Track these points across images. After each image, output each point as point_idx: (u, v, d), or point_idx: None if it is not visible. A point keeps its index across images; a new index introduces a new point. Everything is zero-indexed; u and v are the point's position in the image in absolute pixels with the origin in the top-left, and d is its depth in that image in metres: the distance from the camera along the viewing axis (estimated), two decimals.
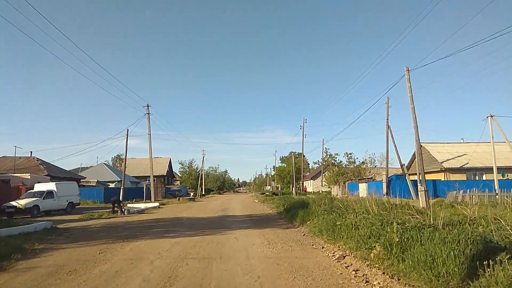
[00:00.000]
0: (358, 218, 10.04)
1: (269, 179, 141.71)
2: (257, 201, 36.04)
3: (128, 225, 16.15)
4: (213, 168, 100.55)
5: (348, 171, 55.57)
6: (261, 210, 24.20)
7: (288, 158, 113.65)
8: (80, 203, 28.51)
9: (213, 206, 30.62)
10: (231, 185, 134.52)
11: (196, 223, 16.03)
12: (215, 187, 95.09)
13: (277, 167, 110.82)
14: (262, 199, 36.63)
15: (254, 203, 33.49)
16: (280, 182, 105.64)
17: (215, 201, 42.65)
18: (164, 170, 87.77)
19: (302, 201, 19.03)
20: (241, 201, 40.31)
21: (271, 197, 38.36)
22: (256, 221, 16.85)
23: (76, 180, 49.95)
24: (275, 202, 28.21)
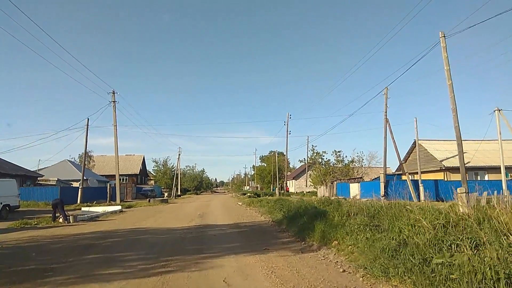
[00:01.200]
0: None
1: (247, 179, 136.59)
2: (240, 204, 30.65)
3: (56, 243, 10.52)
4: (190, 167, 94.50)
5: (336, 170, 51.09)
6: (250, 216, 18.77)
7: (269, 157, 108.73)
8: (20, 206, 22.45)
9: (189, 209, 25.12)
10: (209, 185, 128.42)
11: (161, 241, 10.55)
12: (192, 187, 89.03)
13: (257, 166, 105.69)
14: (247, 201, 31.25)
15: (238, 206, 28.12)
16: (260, 182, 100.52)
17: (192, 202, 37.08)
18: (137, 168, 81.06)
19: (314, 207, 13.78)
20: (221, 203, 34.88)
21: (256, 199, 33.14)
22: (249, 236, 11.53)
23: (32, 178, 43.34)
24: (264, 205, 23.02)
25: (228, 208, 25.99)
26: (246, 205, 27.66)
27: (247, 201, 30.96)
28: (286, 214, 14.59)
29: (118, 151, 35.69)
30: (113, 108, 34.92)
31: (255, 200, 28.26)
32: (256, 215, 19.34)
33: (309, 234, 10.11)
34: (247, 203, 28.92)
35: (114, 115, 35.09)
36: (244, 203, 29.80)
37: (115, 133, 35.17)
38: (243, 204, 29.06)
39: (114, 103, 34.91)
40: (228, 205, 29.72)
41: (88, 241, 10.64)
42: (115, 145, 35.36)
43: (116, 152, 35.40)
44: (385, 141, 33.85)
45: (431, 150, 41.98)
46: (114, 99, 35.04)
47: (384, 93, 33.14)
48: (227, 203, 33.89)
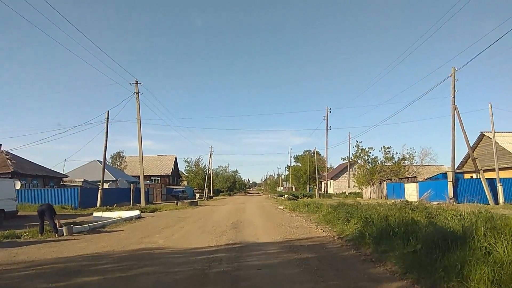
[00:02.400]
0: None
1: (281, 180, 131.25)
2: (281, 208, 25.43)
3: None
4: (222, 168, 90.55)
5: (385, 169, 44.84)
6: (301, 228, 13.43)
7: (303, 156, 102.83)
8: (18, 211, 18.41)
9: (220, 215, 20.36)
10: (242, 186, 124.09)
11: (164, 283, 5.78)
12: (225, 188, 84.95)
13: (291, 166, 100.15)
14: (289, 204, 26.01)
15: (279, 211, 22.97)
16: (296, 182, 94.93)
17: (224, 205, 32.44)
18: (169, 169, 77.92)
19: (431, 224, 8.25)
20: (258, 206, 29.95)
21: (299, 201, 27.96)
22: (320, 271, 6.39)
23: (56, 178, 40.40)
24: (313, 210, 17.95)
25: (268, 213, 20.96)
26: (289, 209, 22.50)
27: (289, 205, 25.80)
28: (364, 229, 9.36)
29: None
30: (137, 100, 30.95)
31: (300, 204, 23.00)
32: (309, 225, 14.12)
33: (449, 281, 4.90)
34: (289, 207, 23.74)
35: (137, 108, 31.11)
36: (286, 207, 24.64)
37: (139, 128, 31.22)
38: (285, 208, 23.92)
39: (137, 94, 30.96)
40: (267, 210, 24.72)
41: (40, 282, 5.97)
42: (138, 141, 31.40)
43: (140, 148, 31.43)
44: (453, 132, 27.80)
45: (504, 144, 35.10)
46: (138, 90, 31.08)
47: (450, 75, 27.14)
48: (265, 206, 28.90)
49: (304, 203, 21.57)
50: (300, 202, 25.08)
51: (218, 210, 24.45)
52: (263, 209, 24.83)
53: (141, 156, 31.43)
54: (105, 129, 28.23)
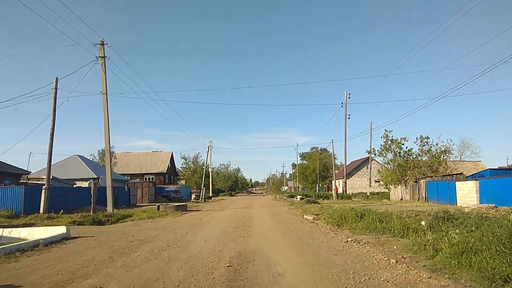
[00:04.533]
0: None
1: (285, 179, 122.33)
2: (310, 218, 16.25)
3: None
4: (224, 166, 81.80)
5: (422, 164, 35.88)
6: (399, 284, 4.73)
7: (310, 154, 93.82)
8: None
9: (209, 234, 11.26)
10: (244, 185, 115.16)
11: None
12: (226, 187, 76.13)
13: (298, 164, 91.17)
14: (321, 214, 16.64)
15: (307, 224, 13.83)
16: (303, 181, 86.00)
17: (223, 210, 23.53)
18: (164, 166, 69.06)
19: None
20: (269, 212, 20.73)
21: (337, 209, 18.89)
22: None
23: (14, 175, 31.75)
24: (373, 225, 9.19)
25: (294, 231, 11.51)
26: (326, 222, 13.30)
27: (317, 212, 16.85)
28: None
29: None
30: (102, 67, 22.12)
31: (343, 213, 13.50)
32: (403, 269, 5.27)
33: None
34: (325, 218, 14.47)
35: (103, 77, 22.26)
36: (317, 217, 15.54)
37: (105, 104, 22.35)
38: (316, 219, 14.81)
39: (102, 59, 22.15)
40: (285, 220, 15.43)
41: None
42: (104, 119, 22.49)
43: (106, 131, 22.51)
44: None
45: None
46: (103, 53, 22.23)
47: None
48: (280, 213, 19.59)
49: (355, 214, 12.40)
50: (337, 209, 16.00)
51: (211, 221, 15.47)
52: (281, 220, 15.52)
53: (108, 143, 22.54)
54: (53, 103, 19.44)
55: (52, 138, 19.80)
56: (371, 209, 14.66)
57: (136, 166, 68.77)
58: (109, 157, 22.65)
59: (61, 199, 22.94)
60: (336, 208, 17.25)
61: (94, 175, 43.31)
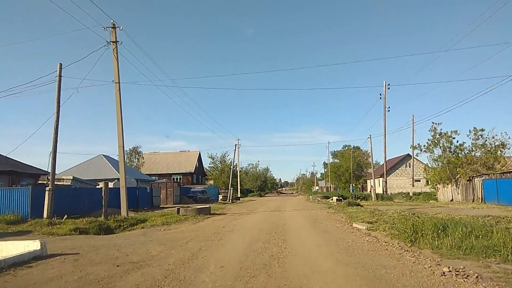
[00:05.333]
0: None
1: (316, 179, 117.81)
2: (345, 220, 12.73)
3: None
4: (252, 166, 78.85)
5: (477, 160, 31.15)
6: None
7: (343, 152, 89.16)
8: None
9: (237, 249, 8.28)
10: (273, 185, 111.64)
11: None
12: (255, 187, 73.08)
13: (329, 163, 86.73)
14: (360, 216, 13.05)
15: (352, 231, 10.35)
16: (335, 181, 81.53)
17: (250, 215, 20.32)
18: (191, 166, 66.96)
19: None
20: (303, 214, 17.31)
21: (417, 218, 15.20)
22: None
23: (32, 175, 30.16)
24: (461, 240, 5.77)
25: (349, 250, 7.81)
26: (391, 236, 9.39)
27: (366, 218, 13.19)
28: None
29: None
30: (114, 53, 19.55)
31: (418, 223, 9.50)
32: None
33: None
34: (383, 228, 10.52)
35: (115, 64, 19.70)
36: (363, 222, 11.91)
37: (117, 94, 19.76)
38: (367, 229, 11.10)
39: (114, 44, 19.61)
40: (330, 230, 11.44)
41: None
42: (117, 111, 19.86)
43: (119, 122, 19.86)
44: None
45: None
46: (115, 38, 19.71)
47: None
48: (318, 218, 15.88)
49: (433, 225, 8.62)
50: (401, 216, 12.34)
51: (235, 231, 12.24)
52: (325, 230, 11.55)
53: (122, 138, 19.89)
54: (56, 92, 17.00)
55: (57, 133, 17.34)
56: (436, 216, 10.93)
57: (163, 166, 67.14)
58: (122, 154, 20.01)
59: (67, 201, 20.63)
60: (388, 212, 13.64)
61: (118, 175, 41.51)
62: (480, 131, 29.79)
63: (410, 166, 62.54)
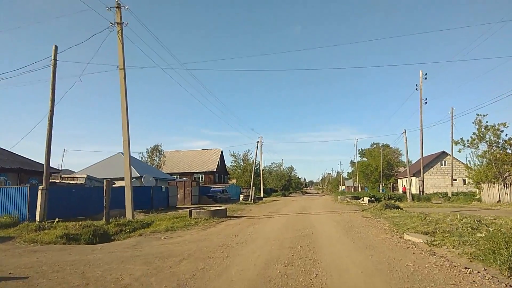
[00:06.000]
0: None
1: (342, 178, 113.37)
2: (389, 228, 9.85)
3: None
4: (276, 164, 75.93)
5: None
6: None
7: (371, 150, 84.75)
8: None
9: (246, 276, 5.74)
10: (298, 185, 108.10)
11: None
12: (279, 186, 70.17)
13: (357, 162, 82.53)
14: (407, 222, 10.09)
15: (406, 246, 7.43)
16: (363, 180, 77.33)
17: (273, 217, 17.51)
18: (213, 164, 64.97)
19: None
20: (333, 218, 13.98)
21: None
22: None
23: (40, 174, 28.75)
24: None
25: (414, 282, 5.49)
26: (469, 257, 6.31)
27: (417, 226, 10.09)
28: None
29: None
30: (119, 35, 17.35)
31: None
32: None
33: None
34: (451, 242, 7.43)
35: (119, 47, 17.48)
36: (415, 231, 8.95)
37: (122, 81, 17.51)
38: (426, 243, 8.02)
39: (119, 26, 17.39)
40: (375, 244, 8.24)
41: None
42: (122, 100, 17.60)
43: (124, 111, 17.60)
44: None
45: None
46: (120, 19, 17.50)
47: None
48: (354, 224, 12.50)
49: None
50: (463, 225, 9.31)
51: (248, 243, 9.46)
52: (368, 244, 8.23)
53: (127, 129, 17.60)
54: (51, 77, 14.87)
55: (51, 123, 15.22)
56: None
57: (185, 165, 65.49)
58: (127, 149, 17.71)
59: (72, 202, 18.65)
60: (444, 218, 10.53)
61: (138, 174, 39.83)
62: None
63: (446, 164, 57.89)
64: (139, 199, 25.22)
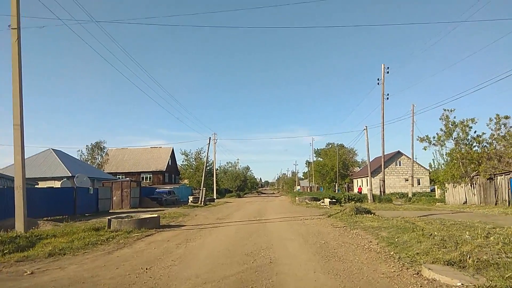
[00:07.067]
0: None
1: (298, 179, 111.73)
2: (387, 250, 6.20)
3: None
4: (231, 164, 71.74)
5: (500, 153, 25.27)
6: None
7: (327, 151, 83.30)
8: None
9: None
10: (254, 185, 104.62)
11: None
12: (234, 187, 66.05)
13: (313, 162, 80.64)
14: (405, 240, 6.46)
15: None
16: (319, 180, 75.46)
17: (220, 227, 13.26)
18: (163, 164, 59.30)
19: None
20: (298, 229, 9.98)
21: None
22: None
23: None
24: None
25: None
26: None
27: (428, 249, 6.53)
28: None
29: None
30: None
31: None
32: None
33: None
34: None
35: (13, 3, 12.47)
36: (429, 256, 5.43)
37: (15, 47, 12.49)
38: (454, 283, 4.69)
39: None
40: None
41: None
42: (14, 72, 12.56)
43: (16, 89, 12.51)
44: None
45: None
46: None
47: None
48: (327, 239, 8.73)
49: None
50: (501, 246, 5.84)
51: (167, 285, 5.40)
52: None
53: (19, 110, 12.49)
54: None
55: None
56: None
57: (131, 164, 59.22)
58: (20, 137, 12.58)
59: None
60: (462, 232, 7.05)
61: (69, 173, 33.79)
62: (505, 119, 23.83)
63: (401, 164, 57.23)
64: (58, 203, 20.03)
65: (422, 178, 55.07)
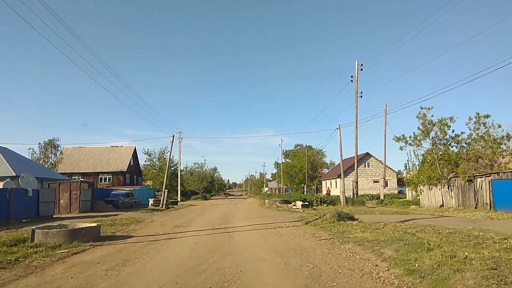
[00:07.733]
0: None
1: (266, 180, 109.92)
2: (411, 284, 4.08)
3: None
4: (198, 165, 68.26)
5: (482, 154, 24.20)
6: None
7: (295, 152, 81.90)
8: None
9: None
10: (221, 187, 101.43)
11: None
12: (201, 188, 62.74)
13: (282, 163, 78.93)
14: (413, 258, 4.38)
15: None
16: (288, 181, 73.80)
17: (174, 241, 10.53)
18: (124, 164, 54.96)
19: None
20: (273, 240, 7.65)
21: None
22: None
23: None
24: None
25: None
26: None
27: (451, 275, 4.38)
28: None
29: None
30: None
31: None
32: None
33: None
34: None
35: None
36: None
37: None
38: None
39: None
40: None
41: None
42: None
43: None
44: None
45: None
46: None
47: None
48: (313, 260, 6.65)
49: None
50: None
51: None
52: None
53: None
54: None
55: None
56: None
57: (88, 164, 54.47)
58: None
59: None
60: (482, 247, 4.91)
61: (13, 173, 29.41)
62: (484, 118, 22.76)
63: (369, 166, 56.57)
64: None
65: (390, 180, 54.61)
